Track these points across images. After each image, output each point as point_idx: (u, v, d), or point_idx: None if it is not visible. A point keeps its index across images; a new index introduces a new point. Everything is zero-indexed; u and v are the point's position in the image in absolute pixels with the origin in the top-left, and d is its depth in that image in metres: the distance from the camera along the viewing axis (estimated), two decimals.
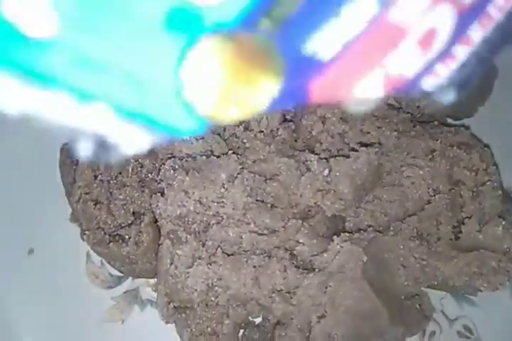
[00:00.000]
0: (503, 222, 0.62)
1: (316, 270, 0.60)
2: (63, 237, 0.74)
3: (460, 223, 0.65)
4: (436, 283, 0.65)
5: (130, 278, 0.74)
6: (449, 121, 0.76)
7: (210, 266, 0.61)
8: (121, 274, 0.73)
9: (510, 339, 0.72)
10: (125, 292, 0.74)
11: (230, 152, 0.65)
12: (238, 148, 0.67)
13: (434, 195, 0.65)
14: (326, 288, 0.60)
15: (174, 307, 0.63)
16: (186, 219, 0.63)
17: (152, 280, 0.73)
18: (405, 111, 0.71)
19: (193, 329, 0.63)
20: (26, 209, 0.76)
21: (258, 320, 0.70)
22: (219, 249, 0.62)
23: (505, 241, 0.62)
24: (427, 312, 0.68)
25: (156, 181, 0.66)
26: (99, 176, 0.67)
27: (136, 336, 0.72)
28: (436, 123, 0.71)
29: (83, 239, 0.70)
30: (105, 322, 0.73)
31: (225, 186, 0.63)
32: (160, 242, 0.63)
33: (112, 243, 0.65)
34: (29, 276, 0.74)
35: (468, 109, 0.74)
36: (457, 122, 0.76)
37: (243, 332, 0.69)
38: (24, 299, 0.73)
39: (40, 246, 0.75)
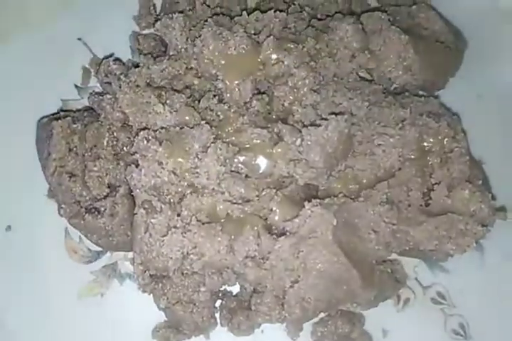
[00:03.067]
0: (470, 186, 0.63)
1: (288, 234, 0.61)
2: (41, 214, 0.75)
3: (429, 189, 0.66)
4: (407, 248, 0.66)
5: (108, 252, 0.75)
6: (421, 92, 0.77)
7: (184, 235, 0.62)
8: (100, 249, 0.74)
9: (482, 304, 0.73)
10: (104, 266, 0.74)
11: (203, 122, 0.65)
12: (213, 120, 0.68)
13: (404, 162, 0.66)
14: (299, 252, 0.61)
15: (150, 275, 0.64)
16: (161, 190, 0.64)
17: (130, 254, 0.73)
18: (377, 82, 0.73)
19: (170, 298, 0.64)
20: (4, 186, 0.76)
21: (236, 290, 0.72)
22: (194, 217, 0.63)
23: (471, 204, 0.63)
24: (400, 278, 0.70)
25: (131, 154, 0.67)
26: (74, 149, 0.67)
27: (116, 309, 0.73)
28: (407, 94, 0.73)
29: (60, 214, 0.71)
30: (85, 296, 0.73)
31: (199, 156, 0.64)
32: (135, 212, 0.64)
33: (87, 215, 0.66)
34: (7, 253, 0.74)
35: (439, 80, 0.76)
36: (429, 94, 0.77)
37: (221, 302, 0.70)
38: (3, 276, 0.73)
39: (17, 223, 0.75)
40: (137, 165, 0.65)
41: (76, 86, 0.81)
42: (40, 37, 0.82)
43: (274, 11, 0.70)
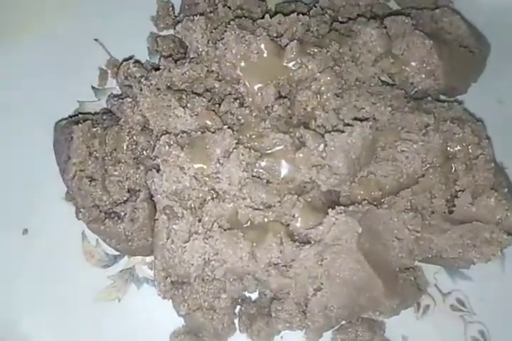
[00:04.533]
0: (496, 194, 0.63)
1: (312, 242, 0.60)
2: (58, 217, 0.74)
3: (453, 196, 0.66)
4: (430, 255, 0.66)
5: (126, 256, 0.74)
6: (442, 97, 0.76)
7: (206, 241, 0.62)
8: (117, 253, 0.73)
9: (502, 311, 0.73)
10: (121, 270, 0.74)
11: (225, 127, 0.65)
12: (233, 124, 0.67)
13: (428, 169, 0.66)
14: (322, 260, 0.60)
15: (171, 282, 0.63)
16: (182, 195, 0.63)
17: (148, 259, 0.73)
18: (399, 87, 0.72)
19: (190, 304, 0.63)
20: (20, 189, 0.75)
21: (255, 296, 0.71)
22: (215, 223, 0.62)
23: (497, 212, 0.62)
24: (422, 285, 0.69)
25: (151, 158, 0.66)
26: (94, 153, 0.67)
27: (133, 314, 0.72)
28: (429, 99, 0.72)
29: (78, 218, 0.70)
30: (102, 300, 0.73)
31: (221, 161, 0.63)
32: (156, 217, 0.63)
33: (107, 220, 0.65)
34: (24, 257, 0.73)
35: (461, 85, 0.75)
36: (450, 98, 0.76)
37: (240, 308, 0.70)
38: (19, 280, 0.73)
39: (34, 226, 0.74)
40: (158, 170, 0.64)
41: (93, 87, 0.80)
42: (56, 37, 0.81)
43: (297, 14, 0.69)
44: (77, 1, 0.83)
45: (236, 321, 0.68)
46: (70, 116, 0.75)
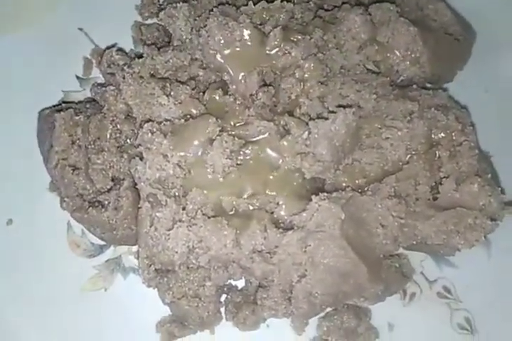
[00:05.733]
0: (479, 180, 0.63)
1: (296, 228, 0.60)
2: (43, 207, 0.73)
3: (438, 183, 0.66)
4: (414, 242, 0.66)
5: (112, 246, 0.74)
6: (429, 85, 0.76)
7: (190, 228, 0.61)
8: (103, 243, 0.72)
9: (488, 299, 0.73)
10: (107, 260, 0.73)
11: (209, 115, 0.64)
12: (217, 112, 0.67)
13: (412, 156, 0.66)
14: (306, 247, 0.60)
15: (155, 270, 0.63)
16: (166, 183, 0.63)
17: (134, 248, 0.73)
18: (384, 75, 0.72)
19: (175, 292, 0.63)
20: (4, 179, 0.75)
21: (241, 285, 0.71)
22: (199, 211, 0.62)
23: (480, 198, 0.62)
24: (407, 273, 0.69)
25: (135, 146, 0.66)
26: (77, 141, 0.66)
27: (120, 303, 0.72)
28: (414, 86, 0.72)
29: (63, 207, 0.70)
30: (88, 290, 0.72)
31: (204, 149, 0.63)
32: (139, 205, 0.63)
33: (91, 208, 0.65)
34: (8, 247, 0.73)
35: (447, 73, 0.75)
36: (437, 86, 0.76)
37: (226, 296, 0.70)
38: (4, 271, 0.72)
39: (18, 216, 0.74)
40: (141, 158, 0.64)
41: (77, 77, 0.79)
42: (40, 27, 0.80)
43: (281, 1, 0.69)
44: None
45: (222, 309, 0.68)
46: (54, 106, 0.74)
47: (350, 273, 0.61)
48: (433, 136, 0.67)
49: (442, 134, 0.66)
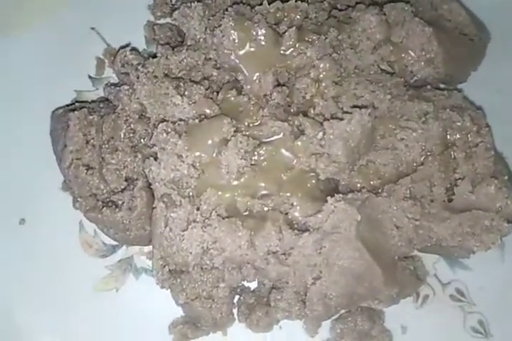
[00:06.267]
0: (496, 182, 0.62)
1: (311, 230, 0.60)
2: (55, 207, 0.73)
3: (453, 184, 0.65)
4: (429, 244, 0.65)
5: (124, 246, 0.73)
6: (442, 86, 0.75)
7: (205, 229, 0.61)
8: (115, 243, 0.72)
9: (501, 301, 0.73)
10: (119, 260, 0.73)
11: (223, 115, 0.64)
12: (232, 112, 0.66)
13: (427, 157, 0.65)
14: (321, 248, 0.60)
15: (169, 270, 0.63)
16: (180, 183, 0.63)
17: (146, 249, 0.73)
18: (398, 75, 0.71)
19: (188, 293, 0.63)
20: (17, 179, 0.75)
21: (254, 286, 0.71)
22: (214, 212, 0.62)
23: (497, 200, 0.62)
24: (421, 275, 0.69)
25: (149, 146, 0.66)
26: (91, 141, 0.66)
27: (131, 304, 0.72)
28: (429, 87, 0.71)
29: (76, 207, 0.70)
30: (100, 290, 0.72)
31: (219, 149, 0.63)
32: (154, 206, 0.62)
33: (105, 208, 0.65)
34: (21, 246, 0.73)
35: (461, 74, 0.74)
36: (450, 87, 0.76)
37: (239, 298, 0.69)
38: (17, 270, 0.72)
39: (31, 216, 0.74)
40: (156, 158, 0.64)
41: (90, 76, 0.79)
42: (52, 27, 0.80)
43: (296, 1, 0.68)
44: None
45: (235, 311, 0.68)
46: (67, 105, 0.74)
47: (365, 276, 0.60)
48: (448, 137, 0.66)
49: (458, 135, 0.66)
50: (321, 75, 0.66)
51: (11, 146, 0.76)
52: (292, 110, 0.68)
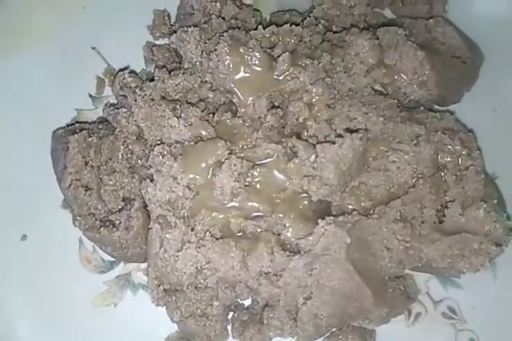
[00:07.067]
0: (485, 205, 0.63)
1: (302, 252, 0.61)
2: (56, 224, 0.75)
3: (443, 206, 0.66)
4: (420, 265, 0.66)
5: (122, 262, 0.75)
6: (436, 107, 0.76)
7: (199, 250, 0.63)
8: (113, 259, 0.74)
9: (493, 319, 0.73)
10: (117, 276, 0.75)
11: (218, 138, 0.65)
12: (227, 134, 0.68)
13: (419, 179, 0.66)
14: (312, 270, 0.61)
15: (164, 289, 0.64)
16: (175, 204, 0.64)
17: (144, 265, 0.74)
18: (392, 96, 0.72)
19: (183, 311, 0.65)
20: (19, 196, 0.77)
21: (248, 303, 0.72)
22: (208, 232, 0.63)
23: (486, 223, 0.63)
24: (412, 294, 0.70)
25: (146, 167, 0.67)
26: (90, 162, 0.68)
27: (129, 319, 0.74)
28: (422, 108, 0.72)
29: (75, 225, 0.72)
30: (98, 306, 0.74)
31: (213, 171, 0.64)
32: (149, 227, 0.64)
33: (102, 228, 0.66)
34: (22, 262, 0.75)
35: (454, 95, 0.75)
36: (444, 107, 0.77)
37: (233, 315, 0.71)
38: (18, 285, 0.74)
39: (32, 232, 0.76)
40: (152, 180, 0.65)
41: (90, 95, 0.81)
42: (53, 46, 0.82)
43: (290, 25, 0.70)
44: (76, 11, 0.84)
45: (229, 327, 0.69)
46: (68, 125, 0.76)
47: (355, 296, 0.62)
48: (439, 159, 0.67)
49: (449, 158, 0.67)
50: (314, 99, 0.67)
51: (13, 163, 0.78)
52: (286, 132, 0.69)
